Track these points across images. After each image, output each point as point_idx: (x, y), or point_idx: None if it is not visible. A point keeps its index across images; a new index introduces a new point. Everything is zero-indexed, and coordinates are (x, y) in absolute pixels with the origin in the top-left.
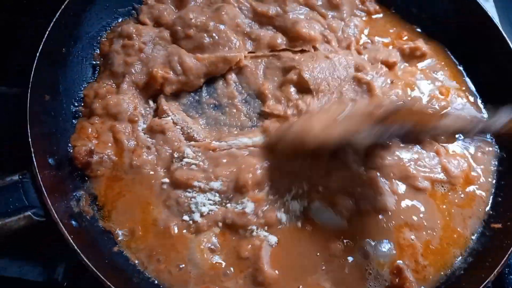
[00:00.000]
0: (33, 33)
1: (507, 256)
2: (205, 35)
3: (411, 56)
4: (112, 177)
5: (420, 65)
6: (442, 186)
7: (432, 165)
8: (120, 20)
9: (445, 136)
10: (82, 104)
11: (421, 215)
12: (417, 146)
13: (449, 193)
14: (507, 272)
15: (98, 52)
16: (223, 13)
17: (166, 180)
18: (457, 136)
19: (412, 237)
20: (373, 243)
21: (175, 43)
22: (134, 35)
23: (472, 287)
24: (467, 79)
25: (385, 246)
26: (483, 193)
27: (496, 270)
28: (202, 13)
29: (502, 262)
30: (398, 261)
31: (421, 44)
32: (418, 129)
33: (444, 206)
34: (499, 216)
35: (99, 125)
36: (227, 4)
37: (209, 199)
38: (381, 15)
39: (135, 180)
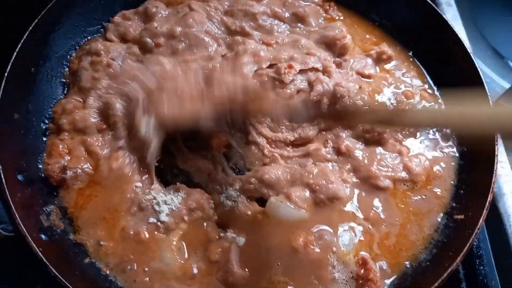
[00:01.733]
0: (1, 53)
1: (468, 244)
2: (175, 41)
3: (379, 60)
4: (84, 189)
5: (387, 67)
6: (404, 184)
7: (395, 164)
8: (88, 38)
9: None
10: (52, 121)
11: (379, 211)
12: (380, 148)
13: (411, 190)
14: (478, 263)
15: (68, 70)
16: (190, 20)
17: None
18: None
19: (370, 228)
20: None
21: (146, 54)
22: (102, 52)
23: (436, 276)
24: (429, 79)
25: (346, 236)
26: (446, 187)
27: (458, 259)
28: (167, 22)
29: (464, 250)
30: (362, 252)
31: (386, 48)
32: None
33: (405, 203)
34: (462, 208)
35: (69, 140)
36: (195, 12)
37: (169, 196)
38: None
39: (110, 187)
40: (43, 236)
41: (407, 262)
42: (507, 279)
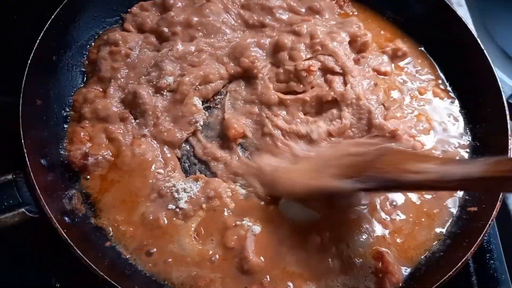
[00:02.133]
0: (24, 43)
1: (482, 235)
2: (192, 29)
3: (394, 57)
4: (105, 175)
5: (402, 63)
6: None
7: None
8: (107, 28)
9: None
10: (72, 109)
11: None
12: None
13: None
14: (488, 257)
15: (87, 59)
16: (206, 10)
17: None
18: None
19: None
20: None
21: (164, 43)
22: (120, 42)
23: (450, 266)
24: (441, 75)
25: (362, 236)
26: None
27: (472, 248)
28: (184, 12)
29: (477, 241)
30: (378, 247)
31: (401, 45)
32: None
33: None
34: (475, 200)
35: (90, 128)
36: (212, 3)
37: (188, 184)
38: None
39: (132, 173)
40: (66, 219)
41: (422, 257)
42: None
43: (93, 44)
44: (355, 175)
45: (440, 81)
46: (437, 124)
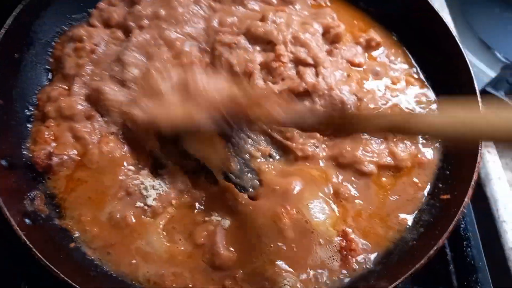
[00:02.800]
0: None
1: (453, 222)
2: (159, 21)
3: (367, 47)
4: (71, 175)
5: (375, 53)
6: (389, 170)
7: (380, 149)
8: (73, 25)
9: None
10: (37, 108)
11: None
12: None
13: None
14: (465, 245)
15: (52, 56)
16: (175, 2)
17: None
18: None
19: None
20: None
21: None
22: (85, 38)
23: (422, 254)
24: (415, 63)
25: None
26: (432, 169)
27: (444, 235)
28: (152, 5)
29: (449, 228)
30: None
31: (374, 35)
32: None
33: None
34: (447, 188)
35: (55, 127)
36: None
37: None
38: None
39: (99, 172)
40: (27, 220)
41: (392, 244)
42: (494, 261)
43: (58, 41)
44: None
45: (414, 70)
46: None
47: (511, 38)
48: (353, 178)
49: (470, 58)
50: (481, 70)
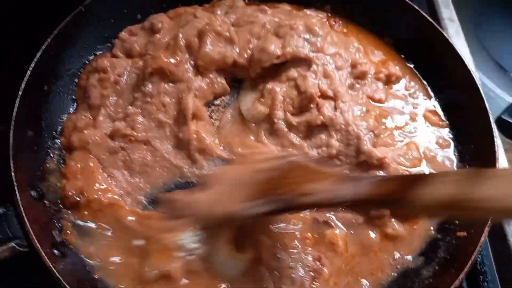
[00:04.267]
0: (15, 72)
1: (470, 261)
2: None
3: (388, 82)
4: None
5: (396, 87)
6: None
7: None
8: (97, 54)
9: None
10: (62, 136)
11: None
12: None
13: None
14: (482, 279)
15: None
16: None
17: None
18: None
19: None
20: None
21: None
22: (108, 68)
23: None
24: (433, 97)
25: None
26: None
27: (460, 276)
28: (171, 31)
29: (466, 267)
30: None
31: (394, 69)
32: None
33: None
34: (464, 225)
35: (83, 162)
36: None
37: None
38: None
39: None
40: (55, 251)
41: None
42: None
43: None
44: (264, 195)
45: (431, 105)
46: (427, 151)
47: None
48: None
49: (486, 82)
50: (497, 94)
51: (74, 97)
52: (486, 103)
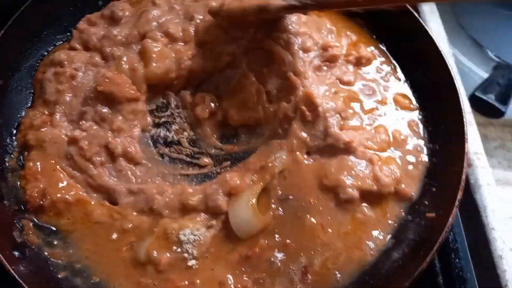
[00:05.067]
0: None
1: (438, 242)
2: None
3: (358, 64)
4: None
5: (366, 69)
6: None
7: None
8: (57, 46)
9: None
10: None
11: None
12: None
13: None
14: (454, 256)
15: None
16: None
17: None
18: None
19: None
20: None
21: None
22: (65, 62)
23: (407, 275)
24: (403, 79)
25: None
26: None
27: (428, 258)
28: (127, 26)
29: (433, 249)
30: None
31: (365, 52)
32: None
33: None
34: (433, 206)
35: (42, 162)
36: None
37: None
38: None
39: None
40: (16, 253)
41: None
42: (483, 269)
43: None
44: None
45: (402, 87)
46: (397, 134)
47: (504, 37)
48: None
49: (461, 59)
50: (473, 70)
51: (32, 91)
52: (455, 81)
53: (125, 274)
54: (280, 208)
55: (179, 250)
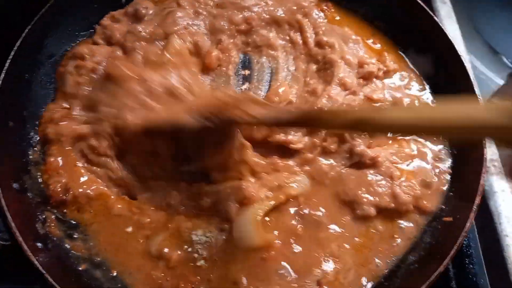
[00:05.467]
0: None
1: (455, 246)
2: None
3: (386, 77)
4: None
5: (390, 80)
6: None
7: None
8: (80, 41)
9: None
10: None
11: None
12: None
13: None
14: (468, 261)
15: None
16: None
17: None
18: None
19: None
20: None
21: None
22: (87, 56)
23: (424, 278)
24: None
25: None
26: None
27: (445, 261)
28: (151, 24)
29: (451, 253)
30: None
31: (391, 64)
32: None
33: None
34: (451, 210)
35: (64, 158)
36: (181, 8)
37: None
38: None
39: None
40: (39, 244)
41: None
42: (497, 277)
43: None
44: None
45: (424, 94)
46: (420, 145)
47: None
48: None
49: (478, 65)
50: (489, 77)
51: (56, 85)
52: (475, 87)
53: (138, 265)
54: (297, 218)
55: (189, 249)
